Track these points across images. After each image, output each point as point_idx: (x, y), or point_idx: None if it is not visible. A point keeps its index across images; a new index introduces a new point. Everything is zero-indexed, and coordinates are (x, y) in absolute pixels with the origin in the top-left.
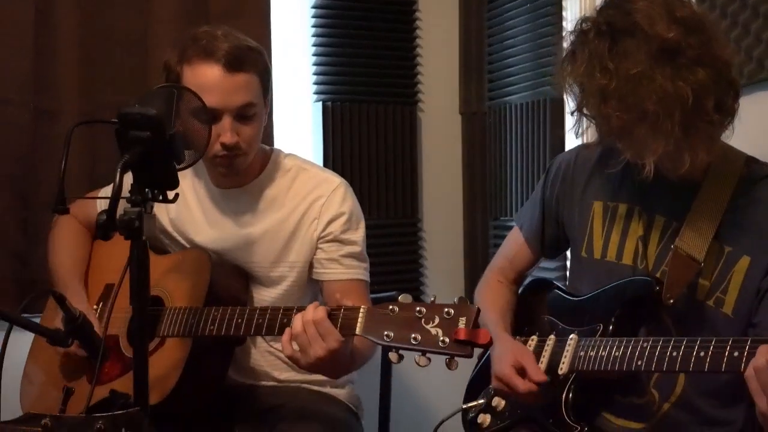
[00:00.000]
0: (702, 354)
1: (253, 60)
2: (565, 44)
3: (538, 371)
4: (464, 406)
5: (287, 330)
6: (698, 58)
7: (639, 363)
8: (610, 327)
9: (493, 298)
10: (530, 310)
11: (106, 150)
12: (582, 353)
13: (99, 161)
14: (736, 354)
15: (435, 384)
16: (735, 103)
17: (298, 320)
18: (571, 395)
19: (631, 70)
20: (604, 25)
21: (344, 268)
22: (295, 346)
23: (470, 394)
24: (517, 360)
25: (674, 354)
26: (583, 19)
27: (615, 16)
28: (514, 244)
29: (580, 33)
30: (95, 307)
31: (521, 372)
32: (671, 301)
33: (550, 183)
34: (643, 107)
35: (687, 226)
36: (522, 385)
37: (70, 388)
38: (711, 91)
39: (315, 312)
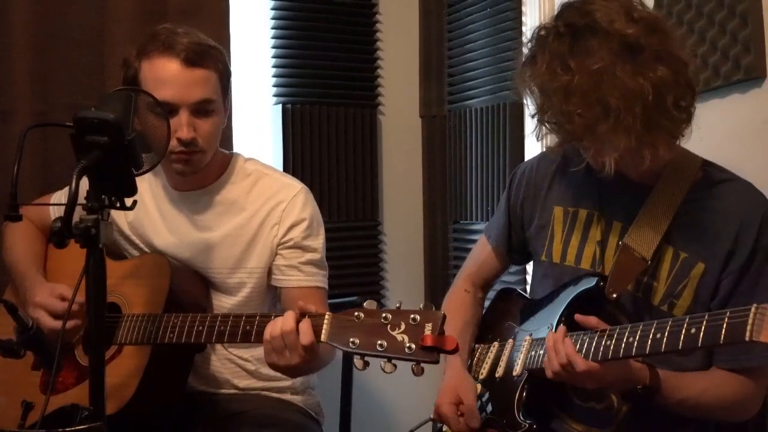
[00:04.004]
0: (630, 339)
1: (212, 57)
2: (525, 51)
3: (473, 417)
4: (432, 417)
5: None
6: (658, 55)
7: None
8: (560, 325)
9: (455, 312)
10: (495, 318)
11: (60, 151)
12: (533, 352)
13: (53, 162)
14: (658, 335)
15: (401, 392)
16: (692, 103)
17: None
18: (524, 394)
19: (593, 66)
20: (563, 27)
21: (304, 275)
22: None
23: None
24: (459, 398)
25: (608, 343)
26: (542, 27)
27: (573, 17)
28: (481, 253)
29: (540, 38)
30: None
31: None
32: (614, 295)
33: (515, 190)
34: (605, 103)
35: (636, 224)
36: (456, 425)
37: (30, 403)
38: (670, 88)
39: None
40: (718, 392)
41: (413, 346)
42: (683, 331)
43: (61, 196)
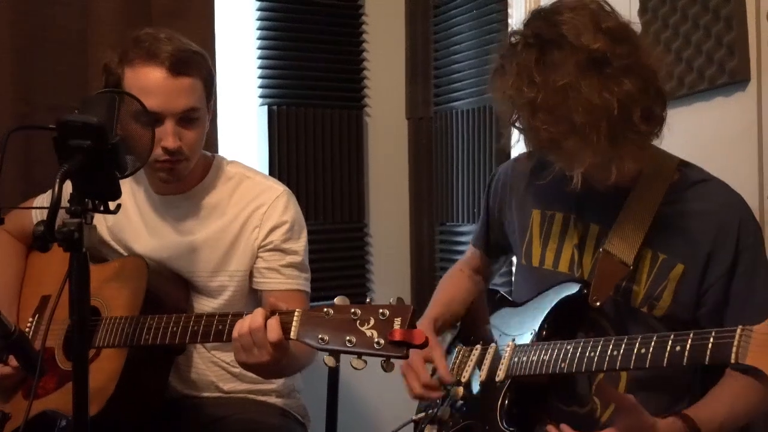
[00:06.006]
0: (615, 353)
1: (197, 64)
2: (496, 56)
3: (445, 373)
4: (414, 418)
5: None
6: (625, 68)
7: (563, 365)
8: (543, 332)
9: (446, 285)
10: (478, 320)
11: (42, 152)
12: (516, 359)
13: (34, 164)
14: (643, 351)
15: (388, 395)
16: (663, 111)
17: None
18: (507, 401)
19: (558, 82)
20: (532, 37)
21: (284, 278)
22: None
23: (421, 406)
24: (428, 354)
25: (591, 354)
26: (512, 33)
27: (542, 27)
28: (470, 253)
29: (510, 46)
30: (30, 319)
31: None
32: (598, 303)
33: (492, 193)
34: (570, 119)
35: (615, 230)
36: (425, 377)
37: (6, 414)
38: (638, 101)
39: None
40: (747, 399)
41: (382, 341)
42: (668, 348)
43: (43, 199)
